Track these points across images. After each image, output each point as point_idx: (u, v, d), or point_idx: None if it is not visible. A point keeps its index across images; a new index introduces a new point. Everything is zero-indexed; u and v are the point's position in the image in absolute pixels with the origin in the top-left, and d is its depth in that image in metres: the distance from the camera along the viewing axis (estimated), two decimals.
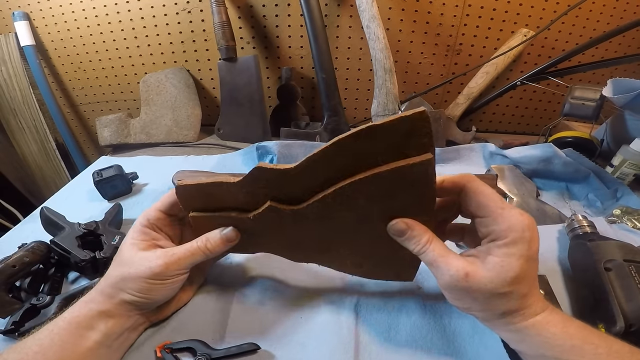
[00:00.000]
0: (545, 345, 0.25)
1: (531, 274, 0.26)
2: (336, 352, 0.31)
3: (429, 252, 0.27)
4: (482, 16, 0.74)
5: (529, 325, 0.25)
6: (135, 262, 0.30)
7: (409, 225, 0.28)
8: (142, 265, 0.30)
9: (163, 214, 0.33)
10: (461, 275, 0.25)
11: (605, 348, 0.24)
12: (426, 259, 0.27)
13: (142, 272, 0.30)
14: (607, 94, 0.57)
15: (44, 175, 0.98)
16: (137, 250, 0.31)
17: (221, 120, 0.80)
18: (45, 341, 0.26)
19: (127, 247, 0.31)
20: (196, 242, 0.32)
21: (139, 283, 0.30)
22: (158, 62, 0.84)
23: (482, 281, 0.25)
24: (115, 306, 0.30)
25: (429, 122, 0.23)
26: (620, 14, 0.72)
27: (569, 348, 0.24)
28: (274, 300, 0.36)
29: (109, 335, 0.29)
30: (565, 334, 0.25)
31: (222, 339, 0.32)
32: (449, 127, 0.75)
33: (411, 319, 0.34)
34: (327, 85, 0.68)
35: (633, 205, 0.49)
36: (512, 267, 0.25)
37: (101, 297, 0.30)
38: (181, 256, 0.31)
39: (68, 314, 0.28)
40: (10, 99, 0.87)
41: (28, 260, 0.36)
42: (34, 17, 0.81)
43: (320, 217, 0.29)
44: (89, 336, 0.28)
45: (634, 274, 0.32)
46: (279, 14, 0.76)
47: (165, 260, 0.30)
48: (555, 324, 0.25)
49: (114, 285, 0.30)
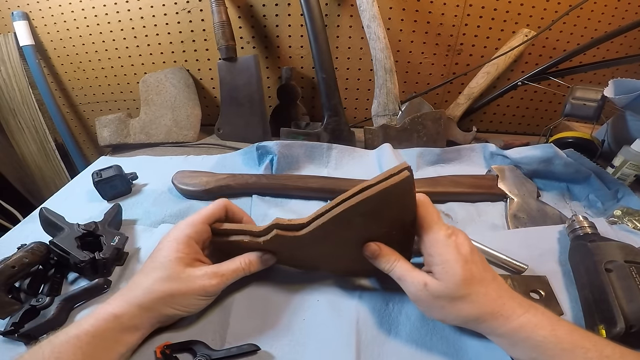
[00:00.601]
0: (537, 350, 0.25)
1: (481, 275, 0.28)
2: (337, 353, 0.31)
3: (397, 268, 0.31)
4: (483, 16, 0.74)
5: (517, 328, 0.26)
6: (184, 279, 0.31)
7: (380, 247, 0.32)
8: (194, 283, 0.31)
9: (207, 227, 0.34)
10: (421, 285, 0.29)
11: (595, 352, 0.24)
12: (395, 276, 0.31)
13: (196, 291, 0.31)
14: (608, 94, 0.57)
15: (43, 175, 0.98)
16: (184, 266, 0.31)
17: (221, 120, 0.80)
18: (66, 355, 0.25)
19: (174, 261, 0.31)
20: (240, 263, 0.34)
21: (189, 300, 0.31)
22: (158, 62, 0.84)
23: (439, 288, 0.28)
24: (148, 320, 0.30)
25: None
26: (622, 14, 0.72)
27: (559, 352, 0.24)
28: (275, 301, 0.36)
29: (132, 347, 0.29)
30: (554, 337, 0.25)
31: (223, 339, 0.32)
32: (449, 127, 0.75)
33: (411, 319, 0.34)
34: (327, 85, 0.68)
35: (634, 206, 0.49)
36: (455, 270, 0.28)
37: (138, 311, 0.29)
38: (229, 277, 0.33)
39: (90, 327, 0.27)
40: (10, 99, 0.87)
41: (27, 261, 0.36)
42: (33, 17, 0.81)
43: (322, 238, 0.32)
44: (114, 349, 0.28)
45: (634, 275, 0.32)
46: (279, 14, 0.76)
47: (218, 281, 0.32)
48: (544, 327, 0.26)
49: (159, 300, 0.30)
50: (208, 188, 0.53)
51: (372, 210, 0.30)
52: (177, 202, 0.54)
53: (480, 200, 0.54)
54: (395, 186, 0.28)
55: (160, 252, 0.32)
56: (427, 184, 0.54)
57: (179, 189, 0.55)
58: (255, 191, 0.55)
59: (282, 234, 0.32)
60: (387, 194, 0.28)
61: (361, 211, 0.29)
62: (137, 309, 0.29)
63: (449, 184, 0.54)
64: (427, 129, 0.68)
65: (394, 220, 0.31)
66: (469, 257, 0.28)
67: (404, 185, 0.28)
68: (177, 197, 0.55)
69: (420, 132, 0.68)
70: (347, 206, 0.29)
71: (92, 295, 0.36)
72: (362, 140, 0.71)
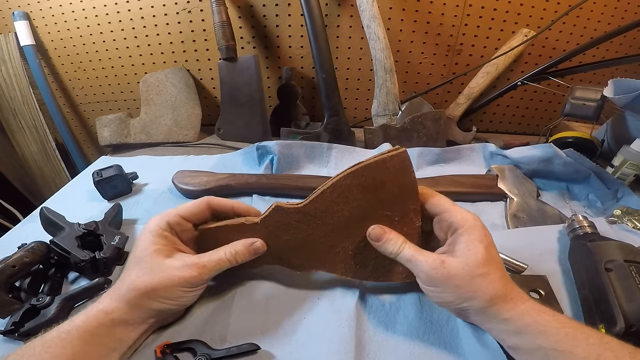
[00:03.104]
0: (542, 336, 0.25)
1: (498, 259, 0.29)
2: (337, 352, 0.31)
3: (405, 250, 0.30)
4: (483, 16, 0.74)
5: (524, 312, 0.26)
6: (164, 271, 0.30)
7: (385, 229, 0.32)
8: (174, 274, 0.30)
9: (183, 220, 0.34)
10: (438, 263, 0.28)
11: (596, 338, 0.24)
12: (404, 258, 0.30)
13: (177, 282, 0.30)
14: (607, 94, 0.57)
15: (43, 175, 0.98)
16: (163, 257, 0.31)
17: (221, 120, 0.80)
18: (56, 349, 0.25)
19: (151, 254, 0.31)
20: (224, 253, 0.33)
21: (172, 291, 0.30)
22: (158, 62, 0.84)
23: (458, 266, 0.28)
24: (139, 314, 0.29)
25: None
26: (621, 14, 0.72)
27: (563, 336, 0.24)
28: (275, 300, 0.36)
29: (125, 342, 0.29)
30: (557, 322, 0.25)
31: (223, 339, 0.32)
32: (449, 127, 0.75)
33: (409, 318, 0.34)
34: (327, 85, 0.68)
35: (633, 205, 0.49)
36: (478, 249, 0.28)
37: (126, 307, 0.29)
38: (211, 267, 0.32)
39: (81, 322, 0.27)
40: (10, 99, 0.87)
41: (28, 260, 0.36)
42: (33, 17, 0.81)
43: (322, 212, 0.32)
44: (104, 344, 0.28)
45: (634, 274, 0.32)
46: (279, 14, 0.76)
47: (199, 271, 0.31)
48: (546, 311, 0.26)
49: (143, 295, 0.29)
50: (208, 188, 0.53)
51: (371, 184, 0.31)
52: (178, 202, 0.54)
53: (480, 200, 0.54)
54: (392, 158, 0.30)
55: (137, 247, 0.32)
56: (427, 184, 0.53)
57: (179, 189, 0.55)
58: (256, 191, 0.55)
59: (282, 205, 0.33)
60: (383, 165, 0.30)
61: (359, 182, 0.31)
62: (125, 305, 0.29)
63: (449, 184, 0.54)
64: (427, 128, 0.68)
65: (394, 201, 0.31)
66: (491, 239, 0.29)
67: (400, 160, 0.30)
68: (177, 197, 0.55)
69: (420, 132, 0.68)
70: (345, 174, 0.31)
71: (92, 294, 0.36)
72: (362, 140, 0.71)
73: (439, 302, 0.30)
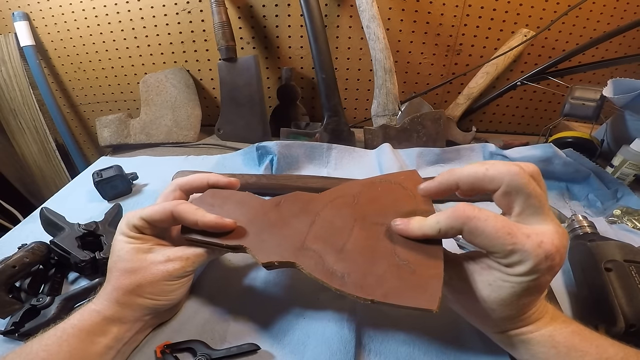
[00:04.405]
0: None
1: None
2: (337, 352, 0.31)
3: (485, 221, 0.23)
4: (482, 16, 0.74)
5: (544, 306, 0.26)
6: (146, 267, 0.30)
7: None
8: (156, 269, 0.29)
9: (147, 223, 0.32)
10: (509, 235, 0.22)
11: (594, 356, 0.23)
12: (471, 226, 0.23)
13: (160, 276, 0.29)
14: (607, 94, 0.57)
15: (44, 175, 0.98)
16: (142, 253, 0.30)
17: (221, 121, 0.80)
18: (53, 347, 0.26)
19: (130, 252, 0.30)
20: None
21: (157, 286, 0.29)
22: (158, 62, 0.84)
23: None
24: (131, 312, 0.29)
25: None
26: (621, 14, 0.72)
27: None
28: (275, 300, 0.36)
29: (121, 340, 0.29)
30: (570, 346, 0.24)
31: (222, 339, 0.32)
32: (449, 127, 0.75)
33: (409, 318, 0.34)
34: (327, 85, 0.68)
35: (633, 205, 0.49)
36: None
37: (115, 306, 0.29)
38: (195, 259, 0.31)
39: (77, 321, 0.27)
40: (10, 99, 0.87)
41: (28, 260, 0.36)
42: (33, 18, 0.81)
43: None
44: (100, 341, 0.28)
45: (634, 274, 0.32)
46: (279, 14, 0.76)
47: (182, 264, 0.30)
48: (561, 331, 0.25)
49: (130, 294, 0.29)
50: None
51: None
52: None
53: (480, 199, 0.54)
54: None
55: (114, 247, 0.31)
56: None
57: None
58: (255, 191, 0.54)
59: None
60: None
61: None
62: (115, 304, 0.29)
63: None
64: (426, 129, 0.68)
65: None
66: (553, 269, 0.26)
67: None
68: None
69: (419, 132, 0.68)
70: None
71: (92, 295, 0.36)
72: (362, 140, 0.71)
73: (481, 280, 0.25)
